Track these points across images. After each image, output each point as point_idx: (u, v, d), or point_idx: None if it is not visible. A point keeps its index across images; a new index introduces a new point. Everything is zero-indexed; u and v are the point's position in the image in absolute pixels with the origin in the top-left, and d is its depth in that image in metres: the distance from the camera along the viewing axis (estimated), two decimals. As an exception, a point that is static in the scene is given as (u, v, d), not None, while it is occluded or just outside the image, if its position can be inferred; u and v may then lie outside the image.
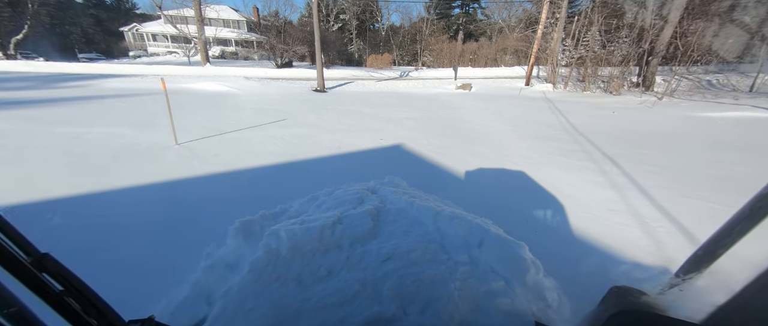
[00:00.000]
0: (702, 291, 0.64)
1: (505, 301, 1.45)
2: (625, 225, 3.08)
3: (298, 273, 1.66)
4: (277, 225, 2.07)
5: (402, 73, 23.45)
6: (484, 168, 4.83)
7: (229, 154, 5.16)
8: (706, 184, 4.08)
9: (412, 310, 1.40)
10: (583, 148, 5.83)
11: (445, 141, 6.44)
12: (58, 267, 0.63)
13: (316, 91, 13.53)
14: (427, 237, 1.95)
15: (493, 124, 8.01)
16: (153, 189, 3.82)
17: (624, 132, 6.95)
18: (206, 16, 21.83)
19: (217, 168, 4.54)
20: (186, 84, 13.10)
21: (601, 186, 4.07)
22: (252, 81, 14.14)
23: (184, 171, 4.41)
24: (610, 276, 2.29)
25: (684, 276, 0.68)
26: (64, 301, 0.60)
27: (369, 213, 2.22)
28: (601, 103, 11.16)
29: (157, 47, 35.00)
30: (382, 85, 16.87)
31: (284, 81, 16.31)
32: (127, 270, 2.36)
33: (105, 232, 2.86)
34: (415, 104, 11.17)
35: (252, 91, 12.60)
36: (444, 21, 43.29)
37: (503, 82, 17.87)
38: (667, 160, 5.09)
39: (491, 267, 1.72)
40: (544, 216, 3.35)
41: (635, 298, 0.71)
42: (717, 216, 2.20)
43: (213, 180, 4.20)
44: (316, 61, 13.36)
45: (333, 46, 38.38)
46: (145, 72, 17.63)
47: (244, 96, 11.41)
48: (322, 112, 9.30)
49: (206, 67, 19.63)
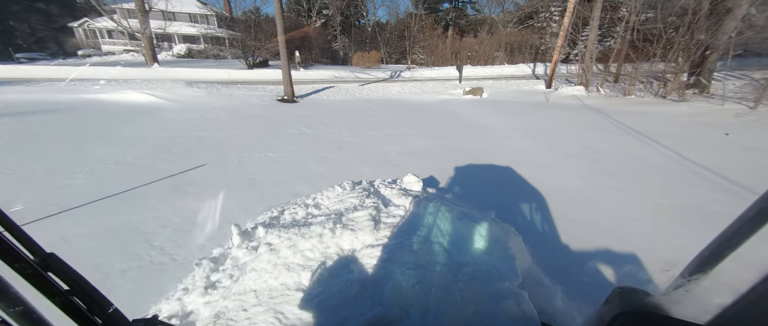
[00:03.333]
0: (707, 292, 0.59)
1: (510, 304, 1.30)
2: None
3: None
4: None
5: (392, 73, 19.82)
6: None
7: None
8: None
9: (415, 312, 1.31)
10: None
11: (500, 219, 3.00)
12: (63, 266, 0.60)
13: (282, 100, 9.86)
14: (429, 238, 1.77)
15: (556, 162, 4.66)
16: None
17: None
18: (155, 7, 17.61)
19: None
20: (104, 93, 9.18)
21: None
22: (197, 88, 10.32)
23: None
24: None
25: (689, 277, 0.64)
26: (69, 301, 0.59)
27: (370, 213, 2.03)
28: (670, 113, 7.99)
29: (112, 45, 30.05)
30: (371, 90, 13.30)
31: (246, 86, 12.51)
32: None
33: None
34: (418, 121, 7.72)
35: (190, 102, 8.83)
36: (433, 16, 40.01)
37: (514, 84, 14.58)
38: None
39: (496, 268, 1.55)
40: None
41: (640, 299, 0.67)
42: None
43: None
44: (282, 62, 9.67)
45: (316, 44, 34.87)
46: (79, 75, 13.41)
47: (170, 112, 7.67)
48: (277, 143, 5.72)
49: (153, 69, 15.55)
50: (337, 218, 1.99)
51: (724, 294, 0.56)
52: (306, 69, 19.13)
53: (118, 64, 16.86)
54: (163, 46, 30.64)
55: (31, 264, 0.54)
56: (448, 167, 4.55)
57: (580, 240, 2.67)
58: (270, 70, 19.09)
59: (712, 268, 0.60)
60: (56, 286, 0.57)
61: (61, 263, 0.60)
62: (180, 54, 28.85)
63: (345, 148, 5.53)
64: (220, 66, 20.03)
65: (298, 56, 18.82)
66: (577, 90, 10.85)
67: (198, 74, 16.02)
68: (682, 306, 0.62)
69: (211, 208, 3.24)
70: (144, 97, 8.91)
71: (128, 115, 7.23)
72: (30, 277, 0.53)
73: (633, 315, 0.65)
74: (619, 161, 4.78)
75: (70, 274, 0.61)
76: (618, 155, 5.06)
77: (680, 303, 0.63)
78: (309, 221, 2.09)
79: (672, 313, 0.63)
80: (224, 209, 3.25)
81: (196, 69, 17.19)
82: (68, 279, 0.60)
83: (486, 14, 40.00)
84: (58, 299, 0.57)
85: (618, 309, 0.68)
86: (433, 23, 34.32)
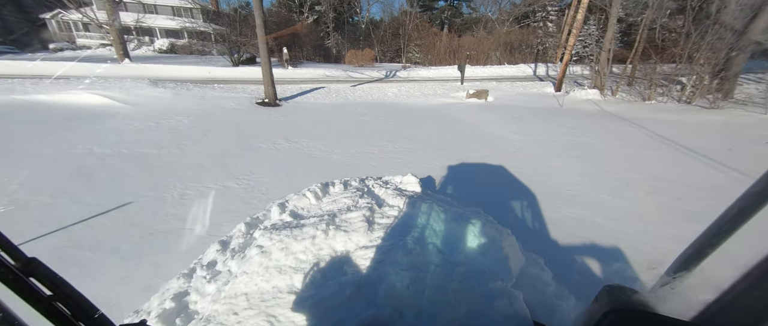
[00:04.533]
0: (692, 289, 0.59)
1: (503, 303, 1.25)
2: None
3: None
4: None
5: (387, 72, 18.49)
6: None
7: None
8: None
9: (409, 313, 1.26)
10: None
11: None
12: (45, 271, 0.58)
13: (262, 104, 8.49)
14: (423, 238, 1.68)
15: (620, 199, 3.47)
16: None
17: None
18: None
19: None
20: (47, 93, 7.67)
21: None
22: (162, 88, 8.85)
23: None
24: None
25: (674, 274, 0.64)
26: (53, 306, 0.56)
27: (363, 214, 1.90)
28: (706, 123, 6.92)
29: (89, 39, 27.88)
30: (364, 91, 12.00)
31: (223, 86, 11.07)
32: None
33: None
34: (419, 131, 6.47)
35: (150, 105, 7.40)
36: (428, 14, 38.81)
37: (520, 86, 13.44)
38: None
39: (489, 268, 1.48)
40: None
41: (628, 296, 0.68)
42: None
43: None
44: (262, 59, 8.30)
45: (307, 41, 33.42)
46: (38, 72, 11.71)
47: (120, 119, 6.25)
48: (244, 164, 4.39)
49: (123, 65, 13.91)
50: (330, 219, 1.86)
51: (707, 290, 0.55)
52: (294, 67, 17.66)
53: (77, 59, 15.13)
54: (143, 41, 28.72)
55: (12, 269, 0.52)
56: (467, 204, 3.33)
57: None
58: (256, 68, 17.55)
59: (696, 266, 0.61)
60: (39, 292, 0.55)
61: (43, 267, 0.57)
62: (162, 49, 26.99)
63: (331, 170, 4.25)
64: (202, 63, 18.38)
65: (286, 53, 17.35)
66: (592, 93, 9.74)
67: (173, 72, 14.45)
68: (668, 303, 0.62)
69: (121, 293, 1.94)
70: (95, 98, 7.45)
71: (65, 122, 5.80)
72: (11, 283, 0.51)
73: (621, 313, 0.64)
74: (703, 196, 3.59)
75: (53, 279, 0.58)
76: (691, 185, 3.87)
77: (666, 300, 0.63)
78: (301, 222, 1.91)
79: (659, 310, 0.62)
80: (121, 303, 1.96)
81: (174, 66, 15.60)
82: (51, 284, 0.58)
83: (482, 13, 38.97)
84: (41, 305, 0.55)
85: (607, 306, 0.66)
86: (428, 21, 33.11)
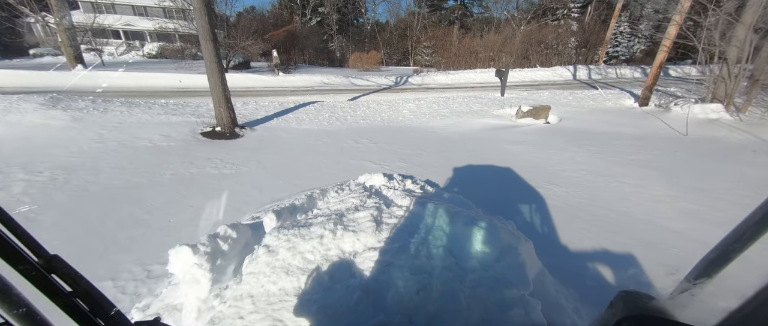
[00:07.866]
0: (713, 296, 0.54)
1: (518, 312, 1.20)
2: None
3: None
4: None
5: (397, 78, 15.19)
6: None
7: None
8: None
9: (419, 320, 1.20)
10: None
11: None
12: (66, 268, 0.58)
13: (209, 135, 5.32)
14: (434, 242, 1.63)
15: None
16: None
17: None
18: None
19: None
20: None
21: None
22: (61, 110, 5.71)
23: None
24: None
25: (695, 280, 0.60)
26: (72, 302, 0.57)
27: (371, 214, 1.87)
28: None
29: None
30: (369, 107, 8.73)
31: (171, 102, 7.91)
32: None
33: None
34: (474, 197, 3.22)
35: (12, 144, 4.28)
36: (437, 14, 35.50)
37: (576, 96, 10.01)
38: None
39: (504, 275, 1.42)
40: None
41: (644, 303, 0.63)
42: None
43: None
44: (207, 68, 5.14)
45: (310, 43, 30.58)
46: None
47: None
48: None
49: (73, 73, 10.94)
50: (337, 219, 1.81)
51: (729, 298, 0.50)
52: (286, 74, 14.52)
53: (23, 68, 12.18)
54: (133, 45, 26.03)
55: (35, 266, 0.53)
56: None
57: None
58: (250, 74, 14.55)
59: (718, 272, 0.57)
60: (59, 288, 0.56)
61: (64, 265, 0.58)
62: (151, 53, 24.17)
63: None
64: (182, 69, 15.35)
65: (275, 57, 14.22)
66: (713, 110, 6.35)
67: (137, 81, 11.45)
68: (687, 310, 0.58)
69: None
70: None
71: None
72: (34, 279, 0.52)
73: (637, 320, 0.60)
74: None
75: (73, 276, 0.59)
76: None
77: (685, 307, 0.58)
78: (309, 221, 1.84)
79: (677, 317, 0.58)
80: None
81: (141, 73, 12.61)
82: (71, 281, 0.58)
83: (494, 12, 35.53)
84: (61, 300, 0.55)
85: (622, 313, 0.62)
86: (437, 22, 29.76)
